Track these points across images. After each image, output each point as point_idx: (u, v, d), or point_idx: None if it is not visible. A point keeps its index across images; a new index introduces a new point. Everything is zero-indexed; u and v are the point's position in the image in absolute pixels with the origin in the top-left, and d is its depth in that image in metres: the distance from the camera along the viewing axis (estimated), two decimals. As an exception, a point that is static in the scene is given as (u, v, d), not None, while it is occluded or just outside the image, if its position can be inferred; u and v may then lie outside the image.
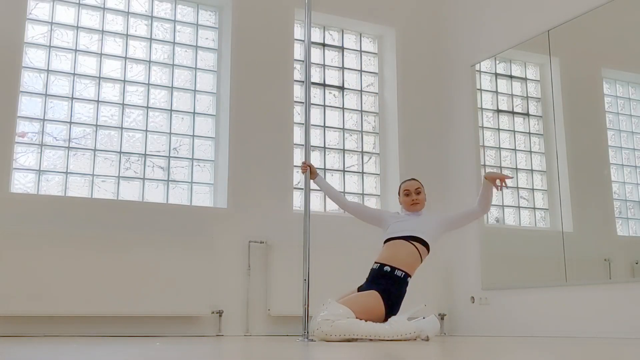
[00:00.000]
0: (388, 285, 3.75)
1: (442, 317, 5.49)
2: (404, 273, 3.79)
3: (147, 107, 5.10)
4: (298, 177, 5.29)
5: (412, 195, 4.00)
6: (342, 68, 5.87)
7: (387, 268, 3.80)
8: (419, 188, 4.04)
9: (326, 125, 5.70)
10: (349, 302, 3.63)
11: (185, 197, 5.12)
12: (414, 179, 4.13)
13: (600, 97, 4.77)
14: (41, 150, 4.73)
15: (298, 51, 5.61)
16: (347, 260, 5.09)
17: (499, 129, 5.51)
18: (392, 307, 3.71)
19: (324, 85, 5.76)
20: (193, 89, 5.29)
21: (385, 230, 4.04)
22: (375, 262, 3.89)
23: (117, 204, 4.74)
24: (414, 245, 3.87)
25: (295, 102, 5.46)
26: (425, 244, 3.89)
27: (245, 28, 5.35)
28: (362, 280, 3.93)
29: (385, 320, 3.64)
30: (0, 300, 4.15)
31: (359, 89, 5.90)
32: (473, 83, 5.68)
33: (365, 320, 3.52)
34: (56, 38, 4.92)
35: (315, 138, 5.60)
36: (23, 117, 4.72)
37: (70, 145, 4.82)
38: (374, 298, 3.69)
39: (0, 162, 4.48)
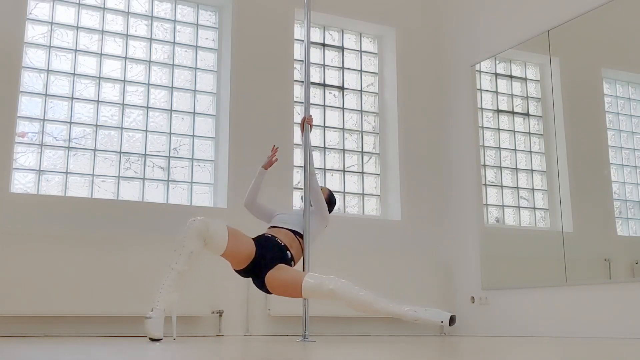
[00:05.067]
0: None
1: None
2: (291, 254, 3.71)
3: (147, 107, 5.10)
4: (298, 177, 5.29)
5: None
6: (342, 68, 5.87)
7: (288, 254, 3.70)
8: None
9: (326, 125, 5.70)
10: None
11: (185, 197, 5.12)
12: None
13: (600, 97, 4.77)
14: (41, 150, 4.73)
15: (298, 51, 5.61)
16: (346, 260, 5.09)
17: (499, 129, 5.50)
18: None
19: (324, 85, 5.76)
20: (193, 89, 5.28)
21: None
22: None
23: (117, 204, 4.73)
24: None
25: (295, 102, 5.45)
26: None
27: (245, 28, 5.35)
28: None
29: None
30: (0, 300, 4.15)
31: (359, 89, 5.90)
32: (473, 83, 5.67)
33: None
34: (56, 38, 4.92)
35: (315, 138, 5.60)
36: (23, 117, 4.72)
37: (70, 145, 4.82)
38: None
39: (0, 162, 4.47)
